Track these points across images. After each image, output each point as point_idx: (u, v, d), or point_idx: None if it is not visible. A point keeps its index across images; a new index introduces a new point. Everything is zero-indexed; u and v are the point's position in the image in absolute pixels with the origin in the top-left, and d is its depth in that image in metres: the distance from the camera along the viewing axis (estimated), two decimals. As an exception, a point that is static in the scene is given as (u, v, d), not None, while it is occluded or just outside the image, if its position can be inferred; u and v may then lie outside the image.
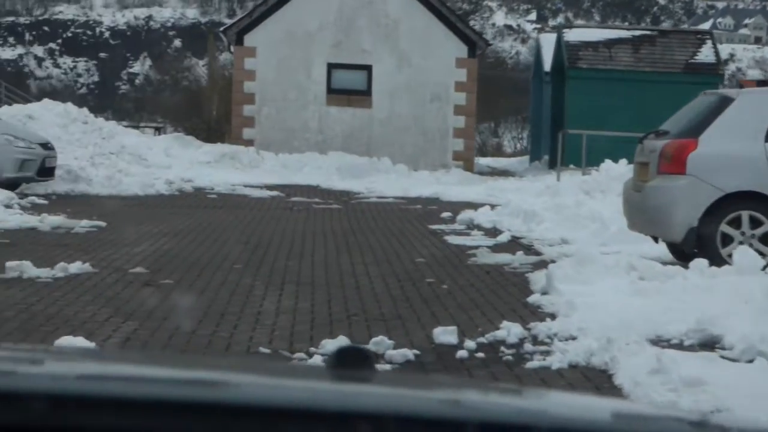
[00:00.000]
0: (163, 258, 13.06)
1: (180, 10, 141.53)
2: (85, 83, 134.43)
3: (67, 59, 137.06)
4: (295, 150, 30.06)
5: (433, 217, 19.64)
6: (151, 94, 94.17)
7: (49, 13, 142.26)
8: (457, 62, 30.19)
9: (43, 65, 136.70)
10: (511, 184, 25.03)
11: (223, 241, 15.16)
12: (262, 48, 30.19)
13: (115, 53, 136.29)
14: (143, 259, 12.93)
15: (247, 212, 19.84)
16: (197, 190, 24.28)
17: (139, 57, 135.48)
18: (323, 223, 18.30)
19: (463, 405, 1.74)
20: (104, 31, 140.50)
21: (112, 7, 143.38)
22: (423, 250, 14.62)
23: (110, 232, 15.76)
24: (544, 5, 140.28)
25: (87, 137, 25.86)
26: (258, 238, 15.63)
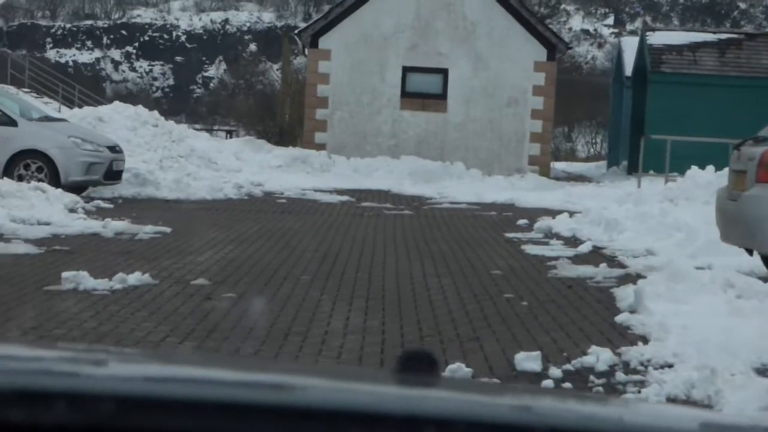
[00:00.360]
0: (227, 268, 12.43)
1: (256, 14, 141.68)
2: (160, 87, 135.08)
3: (143, 63, 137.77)
4: (367, 154, 29.41)
5: (509, 225, 18.85)
6: (225, 97, 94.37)
7: (127, 16, 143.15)
8: (536, 65, 29.34)
9: (119, 69, 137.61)
10: (590, 191, 24.14)
11: (291, 248, 14.51)
12: (337, 51, 29.57)
13: (191, 57, 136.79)
14: (206, 269, 12.31)
15: (316, 218, 19.19)
16: (267, 194, 23.70)
17: (215, 61, 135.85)
18: (394, 229, 17.59)
19: (534, 411, 1.73)
20: (181, 34, 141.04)
21: (189, 11, 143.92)
22: (499, 261, 13.84)
23: (174, 238, 15.18)
24: (622, 9, 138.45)
25: (156, 140, 25.42)
26: (327, 245, 14.96)
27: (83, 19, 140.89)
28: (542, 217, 19.55)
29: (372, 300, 10.56)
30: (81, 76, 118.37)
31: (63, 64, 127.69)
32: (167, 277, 11.50)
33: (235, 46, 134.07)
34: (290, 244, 15.02)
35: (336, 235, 16.44)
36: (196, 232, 15.94)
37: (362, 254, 14.17)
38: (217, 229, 16.63)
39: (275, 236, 15.96)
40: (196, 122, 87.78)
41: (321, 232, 16.86)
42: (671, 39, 30.01)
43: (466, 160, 29.24)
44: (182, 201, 21.33)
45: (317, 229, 17.21)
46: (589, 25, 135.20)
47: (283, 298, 10.49)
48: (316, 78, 29.75)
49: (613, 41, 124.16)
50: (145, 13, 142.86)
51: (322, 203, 22.25)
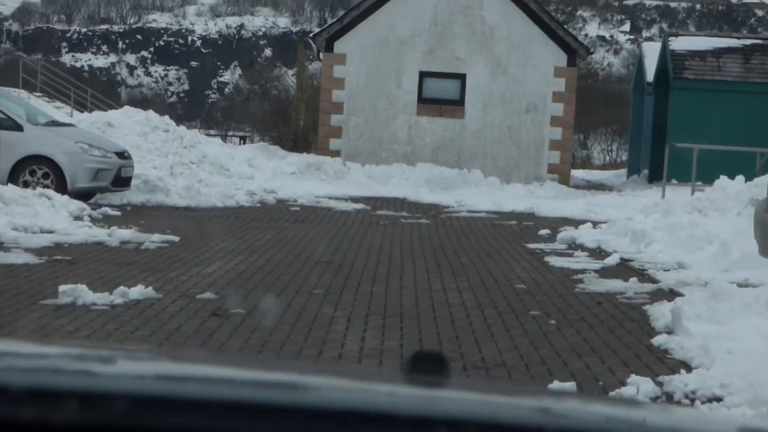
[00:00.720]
0: (236, 280, 11.74)
1: (271, 19, 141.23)
2: (175, 92, 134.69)
3: (158, 68, 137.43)
4: (383, 161, 28.73)
5: (531, 235, 18.13)
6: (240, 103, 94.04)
7: (142, 21, 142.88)
8: (556, 71, 28.60)
9: (134, 73, 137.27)
10: (612, 200, 23.40)
11: (304, 259, 13.83)
12: (352, 55, 28.89)
13: (206, 62, 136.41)
14: (214, 281, 11.63)
15: (330, 226, 18.51)
16: (280, 201, 23.02)
17: (230, 66, 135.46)
18: (411, 239, 16.89)
19: (549, 412, 1.72)
20: (196, 39, 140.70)
21: (204, 16, 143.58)
22: (522, 274, 13.13)
23: (182, 248, 14.51)
24: (638, 16, 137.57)
25: (167, 146, 24.77)
26: (341, 256, 14.27)
27: (99, 23, 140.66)
28: (565, 228, 18.84)
29: (389, 317, 9.86)
30: (96, 80, 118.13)
31: (78, 68, 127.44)
32: (172, 291, 10.83)
33: (250, 51, 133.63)
34: (303, 255, 14.33)
35: (351, 244, 15.75)
36: (205, 242, 15.28)
37: (378, 266, 13.47)
38: (227, 238, 15.96)
39: (287, 246, 15.28)
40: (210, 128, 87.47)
41: (335, 241, 16.17)
42: (694, 44, 29.25)
43: (483, 168, 28.52)
44: (193, 208, 20.68)
45: (331, 239, 16.52)
46: (605, 32, 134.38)
47: (294, 315, 9.80)
48: (331, 83, 29.07)
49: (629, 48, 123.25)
50: (160, 18, 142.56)
51: (336, 211, 21.58)
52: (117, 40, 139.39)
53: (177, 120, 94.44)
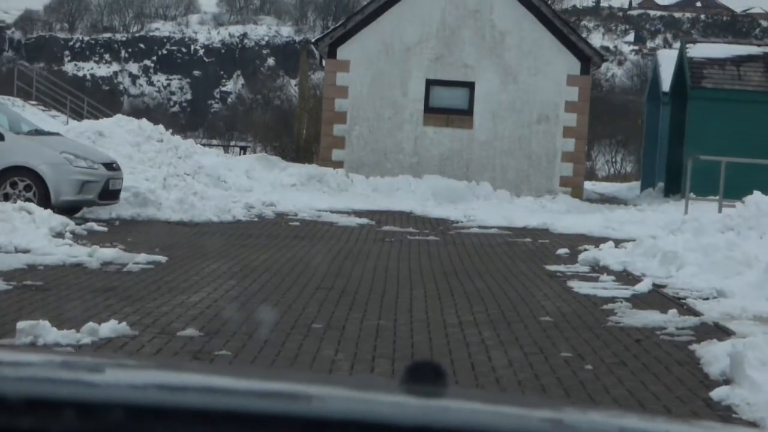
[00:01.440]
0: (224, 312, 10.32)
1: (274, 28, 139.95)
2: (177, 101, 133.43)
3: (161, 77, 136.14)
4: (387, 173, 27.32)
5: (548, 255, 16.71)
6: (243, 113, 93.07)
7: (145, 30, 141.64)
8: (569, 79, 27.17)
9: (137, 83, 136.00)
10: (631, 215, 21.96)
11: (302, 284, 12.41)
12: (356, 62, 27.47)
13: (209, 71, 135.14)
14: (200, 313, 10.21)
15: (332, 244, 17.09)
16: (279, 216, 21.61)
17: (233, 75, 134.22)
18: (420, 259, 15.46)
19: (547, 422, 1.73)
20: (199, 48, 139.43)
21: (207, 25, 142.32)
22: (546, 303, 11.70)
23: (169, 270, 13.10)
24: (642, 26, 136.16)
25: (161, 156, 23.38)
26: (344, 280, 12.85)
27: (101, 32, 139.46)
28: (584, 246, 17.44)
29: (399, 360, 8.43)
30: (98, 89, 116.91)
31: (81, 77, 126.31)
32: (150, 326, 9.40)
33: (253, 61, 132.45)
34: (301, 279, 12.91)
35: (354, 266, 14.33)
36: (195, 263, 13.86)
37: (385, 292, 12.05)
38: (220, 258, 14.54)
39: (285, 268, 13.86)
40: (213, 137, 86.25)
41: (337, 262, 14.74)
42: (713, 52, 27.82)
43: (493, 180, 27.10)
44: (186, 223, 19.26)
45: (333, 259, 15.10)
46: (609, 42, 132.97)
47: (289, 358, 8.38)
48: (333, 91, 27.62)
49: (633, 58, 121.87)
50: (163, 27, 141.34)
51: (338, 227, 20.15)
52: (119, 49, 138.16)
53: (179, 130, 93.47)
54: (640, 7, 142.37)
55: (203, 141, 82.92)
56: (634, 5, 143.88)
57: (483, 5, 27.41)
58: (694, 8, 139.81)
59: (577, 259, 15.74)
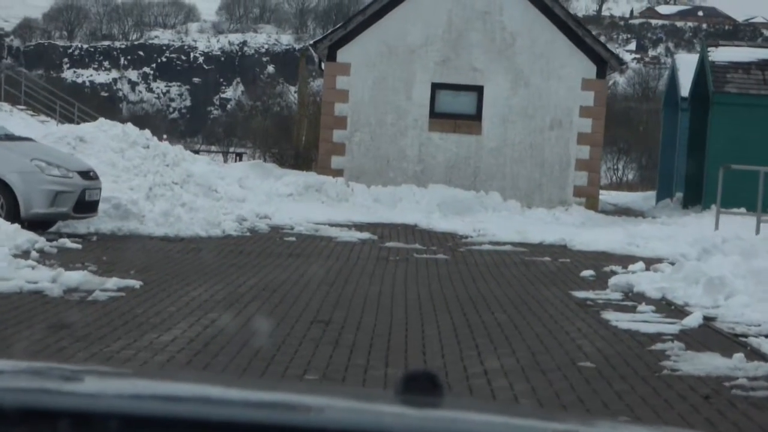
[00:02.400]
0: (199, 357, 8.42)
1: (274, 36, 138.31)
2: (177, 108, 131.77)
3: (160, 84, 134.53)
4: (390, 182, 25.41)
5: (572, 277, 14.79)
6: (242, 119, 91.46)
7: (144, 37, 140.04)
8: (584, 83, 25.26)
9: (136, 90, 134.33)
10: (656, 230, 20.01)
11: (295, 316, 10.51)
12: (357, 64, 25.55)
13: (209, 78, 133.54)
14: (169, 358, 8.31)
15: (331, 263, 15.18)
16: (273, 229, 19.70)
17: (232, 82, 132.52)
18: (429, 283, 13.55)
19: None
20: (198, 56, 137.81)
21: (207, 33, 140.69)
22: (583, 342, 9.78)
23: (141, 298, 11.19)
24: (644, 35, 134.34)
25: (147, 164, 21.44)
26: (344, 312, 10.93)
27: (101, 39, 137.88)
28: (610, 267, 15.54)
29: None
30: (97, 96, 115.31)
31: (80, 84, 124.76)
32: (102, 379, 7.45)
33: (252, 68, 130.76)
34: (295, 309, 11.01)
35: (356, 292, 12.41)
36: (174, 289, 11.95)
37: (392, 329, 10.13)
38: (203, 282, 12.63)
39: (276, 294, 11.94)
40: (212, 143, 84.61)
41: (336, 287, 12.82)
42: (737, 55, 25.90)
43: (502, 190, 25.18)
44: (171, 238, 17.35)
45: (331, 282, 13.18)
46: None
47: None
48: (333, 95, 25.68)
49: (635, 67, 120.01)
50: (162, 35, 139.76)
51: (338, 242, 18.23)
52: (119, 56, 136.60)
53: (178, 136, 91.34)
54: (641, 16, 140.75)
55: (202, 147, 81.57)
56: (636, 14, 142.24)
57: (492, 6, 25.51)
58: (695, 17, 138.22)
59: (606, 283, 13.82)
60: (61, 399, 1.64)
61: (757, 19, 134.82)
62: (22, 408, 1.51)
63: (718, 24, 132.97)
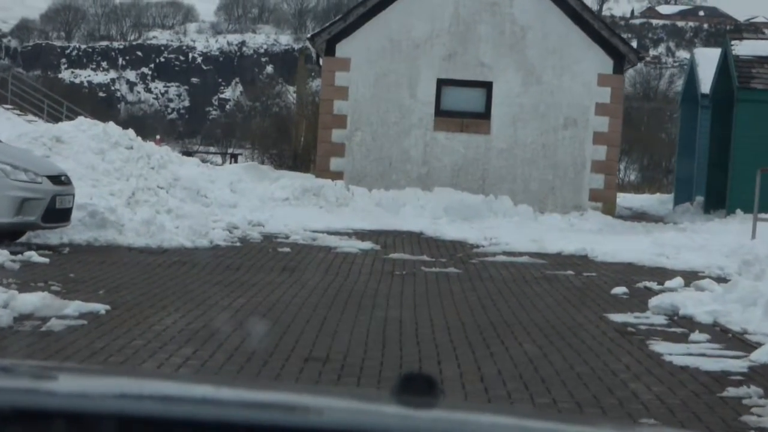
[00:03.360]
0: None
1: (273, 36, 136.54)
2: (175, 108, 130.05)
3: (158, 84, 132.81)
4: (393, 185, 23.58)
5: (602, 295, 12.96)
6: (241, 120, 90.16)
7: (143, 38, 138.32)
8: (600, 79, 23.42)
9: (134, 90, 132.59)
10: (686, 239, 18.13)
11: (286, 352, 8.70)
12: (358, 59, 23.70)
13: (207, 79, 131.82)
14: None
15: (329, 280, 13.35)
16: (267, 238, 17.87)
17: (231, 83, 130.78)
18: (442, 305, 11.71)
19: None
20: (197, 56, 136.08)
21: (205, 33, 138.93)
22: (635, 386, 7.94)
23: (106, 328, 9.37)
24: (645, 35, 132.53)
25: (130, 167, 19.62)
26: (344, 346, 9.11)
27: (98, 40, 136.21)
28: (643, 283, 13.74)
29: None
30: (95, 96, 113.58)
31: (78, 84, 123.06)
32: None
33: (251, 69, 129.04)
34: (285, 342, 9.18)
35: (357, 318, 10.57)
36: (144, 315, 10.12)
37: (401, 367, 8.29)
38: (180, 305, 10.80)
39: (265, 322, 10.10)
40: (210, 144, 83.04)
41: (335, 311, 10.98)
42: (763, 49, 24.06)
43: (513, 194, 23.35)
44: (152, 250, 15.53)
45: (329, 305, 11.35)
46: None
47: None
48: (331, 92, 23.83)
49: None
50: (161, 35, 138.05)
51: (337, 254, 16.37)
52: (117, 57, 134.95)
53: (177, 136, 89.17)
54: (642, 16, 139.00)
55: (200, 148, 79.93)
56: (637, 14, 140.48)
57: (501, -4, 23.69)
58: (696, 17, 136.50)
59: (643, 303, 11.99)
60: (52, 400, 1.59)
61: (759, 18, 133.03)
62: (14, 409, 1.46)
63: (719, 24, 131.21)
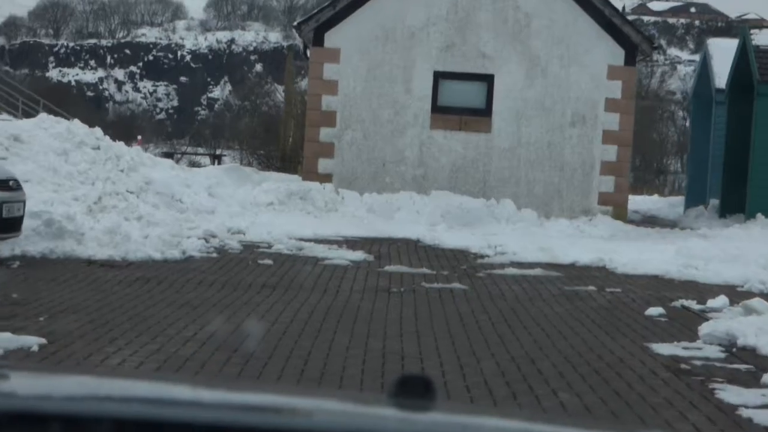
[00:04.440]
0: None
1: (262, 34, 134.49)
2: (164, 108, 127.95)
3: (147, 83, 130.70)
4: (387, 188, 21.59)
5: (636, 318, 11.00)
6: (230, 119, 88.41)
7: (131, 36, 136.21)
8: (610, 71, 21.46)
9: (123, 89, 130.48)
10: (715, 248, 16.12)
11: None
12: (348, 50, 21.70)
13: (196, 77, 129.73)
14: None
15: (315, 300, 11.37)
16: (247, 248, 15.88)
17: (220, 82, 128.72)
18: (450, 334, 9.73)
19: None
20: (186, 54, 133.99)
21: (194, 31, 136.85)
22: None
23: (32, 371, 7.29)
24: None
25: (96, 169, 17.67)
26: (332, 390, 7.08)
27: (87, 37, 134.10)
28: (681, 301, 11.78)
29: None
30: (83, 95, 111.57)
31: (65, 83, 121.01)
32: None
33: (240, 67, 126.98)
34: (259, 387, 7.13)
35: (349, 352, 8.59)
36: (86, 351, 8.17)
37: None
38: (134, 336, 8.82)
39: (235, 360, 8.12)
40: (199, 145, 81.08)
41: (322, 341, 9.00)
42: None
43: (516, 197, 21.38)
44: (116, 263, 13.54)
45: (315, 333, 9.36)
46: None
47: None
48: (319, 86, 21.81)
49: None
50: (149, 33, 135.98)
51: (326, 266, 14.37)
52: (105, 55, 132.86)
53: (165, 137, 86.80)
54: (633, 13, 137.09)
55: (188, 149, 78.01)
56: (628, 11, 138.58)
57: (503, -17, 21.71)
58: (688, 14, 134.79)
59: (689, 329, 10.03)
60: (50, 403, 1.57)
61: (750, 15, 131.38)
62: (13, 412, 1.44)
63: (710, 20, 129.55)
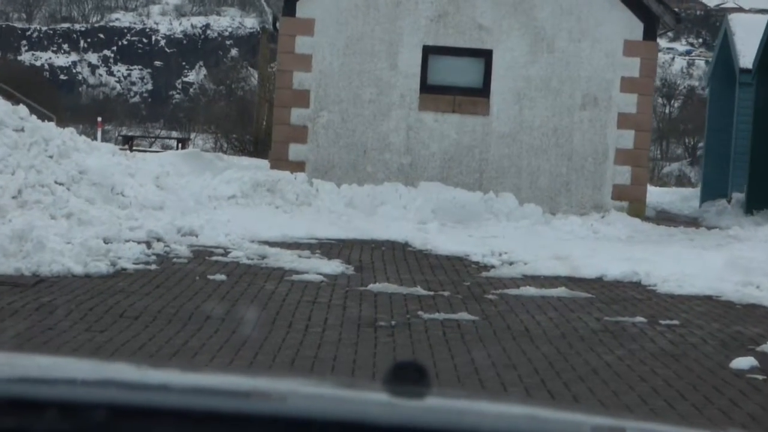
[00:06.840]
0: None
1: (238, 19, 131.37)
2: (138, 92, 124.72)
3: (121, 67, 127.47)
4: (368, 179, 18.38)
5: (724, 376, 7.91)
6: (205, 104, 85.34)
7: (105, 20, 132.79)
8: (627, 47, 18.27)
9: (96, 73, 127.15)
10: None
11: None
12: (324, 20, 18.42)
13: (171, 62, 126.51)
14: None
15: (273, 343, 8.13)
16: (198, 255, 12.59)
17: (195, 66, 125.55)
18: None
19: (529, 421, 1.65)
20: (160, 39, 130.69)
21: (169, 15, 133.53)
22: None
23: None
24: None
25: (18, 156, 14.37)
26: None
27: (60, 21, 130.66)
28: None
29: None
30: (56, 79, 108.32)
31: (38, 67, 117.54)
32: None
33: (216, 52, 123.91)
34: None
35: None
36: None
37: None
38: None
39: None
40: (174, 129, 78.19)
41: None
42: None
43: (517, 190, 18.21)
44: (21, 280, 10.28)
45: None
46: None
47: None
48: (291, 61, 18.49)
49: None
50: (123, 17, 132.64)
51: (293, 285, 11.06)
52: (79, 39, 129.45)
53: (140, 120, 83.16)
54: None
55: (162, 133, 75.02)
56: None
57: (501, -55, 18.48)
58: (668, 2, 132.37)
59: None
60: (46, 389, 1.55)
61: (728, 4, 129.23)
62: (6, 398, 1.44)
63: (689, 9, 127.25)
